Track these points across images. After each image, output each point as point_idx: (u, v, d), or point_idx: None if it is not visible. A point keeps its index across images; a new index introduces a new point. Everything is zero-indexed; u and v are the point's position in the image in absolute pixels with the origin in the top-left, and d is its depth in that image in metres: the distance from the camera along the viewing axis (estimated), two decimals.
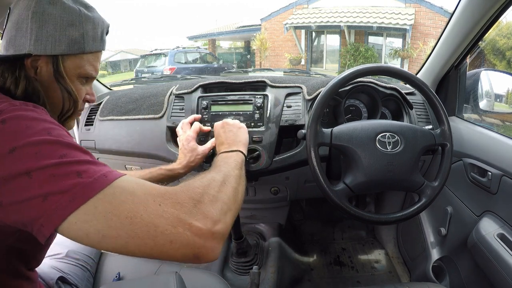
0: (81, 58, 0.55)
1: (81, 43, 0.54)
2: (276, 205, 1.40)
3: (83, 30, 0.54)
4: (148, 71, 8.01)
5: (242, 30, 12.08)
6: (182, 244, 0.38)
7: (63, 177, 0.37)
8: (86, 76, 0.58)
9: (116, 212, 0.36)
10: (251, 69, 5.87)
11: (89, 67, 0.57)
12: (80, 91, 0.59)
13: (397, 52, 8.98)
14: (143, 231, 0.36)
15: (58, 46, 0.52)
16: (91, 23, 0.55)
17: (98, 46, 0.58)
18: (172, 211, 0.38)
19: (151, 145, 1.13)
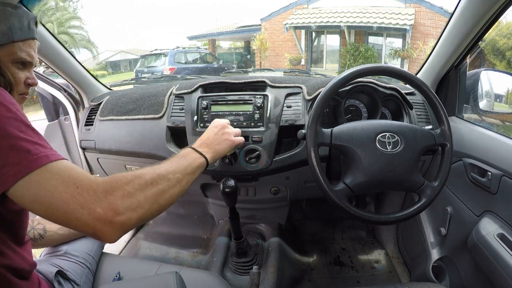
0: (12, 46, 0.63)
1: (9, 34, 0.63)
2: (276, 205, 1.41)
3: (9, 23, 0.63)
4: (148, 71, 8.01)
5: (242, 30, 12.07)
6: (84, 223, 0.48)
7: (17, 151, 0.47)
8: (20, 61, 0.65)
9: (44, 185, 0.47)
10: (251, 69, 5.87)
11: (21, 53, 0.65)
12: (18, 75, 0.66)
13: (397, 52, 8.98)
14: (59, 205, 0.47)
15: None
16: (16, 17, 0.64)
17: (26, 34, 0.66)
18: (84, 195, 0.48)
19: (151, 145, 1.13)
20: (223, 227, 1.47)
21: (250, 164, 1.04)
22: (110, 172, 1.35)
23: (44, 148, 0.50)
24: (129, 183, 0.52)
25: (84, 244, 0.90)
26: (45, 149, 0.50)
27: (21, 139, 0.48)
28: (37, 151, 0.49)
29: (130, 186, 0.52)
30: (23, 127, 0.50)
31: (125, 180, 0.52)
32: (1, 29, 0.62)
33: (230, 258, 1.26)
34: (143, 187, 0.54)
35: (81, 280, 0.81)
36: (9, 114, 0.49)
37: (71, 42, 11.95)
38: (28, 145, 0.48)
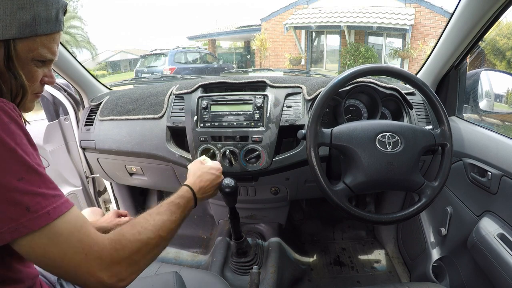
0: (34, 40, 0.54)
1: (32, 26, 0.52)
2: (276, 205, 1.40)
3: (35, 12, 0.52)
4: (148, 71, 8.00)
5: (242, 30, 12.07)
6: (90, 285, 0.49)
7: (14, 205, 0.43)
8: (41, 59, 0.57)
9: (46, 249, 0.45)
10: (251, 69, 5.87)
11: (43, 50, 0.56)
12: (35, 73, 0.58)
13: (397, 52, 8.98)
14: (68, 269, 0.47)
15: (8, 31, 0.51)
16: (43, 4, 0.54)
17: (52, 28, 0.56)
18: (92, 263, 0.48)
19: (151, 145, 1.13)
20: (223, 227, 1.47)
21: (250, 164, 1.04)
22: (110, 172, 1.35)
23: (46, 200, 0.45)
24: (137, 253, 0.53)
25: None
26: (47, 201, 0.45)
27: (19, 191, 0.43)
28: (38, 206, 0.44)
29: (137, 256, 0.53)
30: (23, 172, 0.44)
31: (133, 249, 0.52)
32: (23, 18, 0.52)
33: (230, 258, 1.26)
34: (147, 254, 0.55)
35: None
36: (7, 154, 0.44)
37: (72, 42, 11.95)
38: (27, 200, 0.44)
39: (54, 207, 0.46)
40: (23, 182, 0.44)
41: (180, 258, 1.54)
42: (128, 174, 1.30)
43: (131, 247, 0.52)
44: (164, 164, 1.16)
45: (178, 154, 1.09)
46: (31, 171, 0.45)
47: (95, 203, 1.55)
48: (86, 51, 12.88)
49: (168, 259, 1.54)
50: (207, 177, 0.80)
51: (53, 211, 0.46)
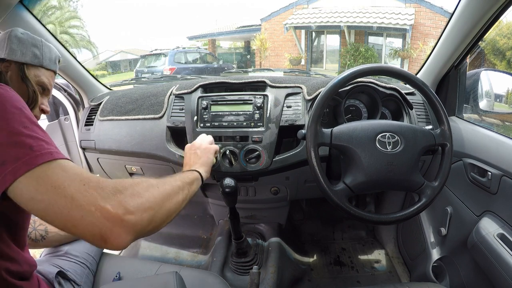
0: (39, 70, 0.76)
1: (40, 59, 0.76)
2: (276, 205, 1.40)
3: (43, 51, 0.77)
4: (148, 71, 7.99)
5: (242, 30, 12.07)
6: (90, 222, 0.42)
7: (20, 146, 0.45)
8: (42, 86, 0.76)
9: (46, 180, 0.43)
10: (251, 69, 5.87)
11: (45, 79, 0.77)
12: (38, 97, 0.74)
13: (397, 52, 8.98)
14: (62, 201, 0.42)
15: (24, 57, 0.73)
16: (47, 48, 0.79)
17: (52, 66, 0.79)
18: (91, 192, 0.43)
19: (151, 145, 1.13)
20: (223, 227, 1.47)
21: (250, 164, 1.04)
22: (110, 172, 1.35)
23: (48, 145, 0.47)
24: (137, 184, 0.51)
25: (85, 245, 0.90)
26: (49, 146, 0.47)
27: (24, 135, 0.45)
28: (41, 147, 0.45)
29: (139, 187, 0.50)
30: (27, 123, 0.47)
31: (133, 182, 0.51)
32: (34, 52, 0.75)
33: (230, 258, 1.26)
34: (150, 188, 0.53)
35: (81, 280, 0.81)
36: (13, 109, 0.47)
37: (71, 42, 11.95)
38: (31, 141, 0.45)
39: (57, 151, 0.47)
40: (28, 130, 0.47)
41: (180, 258, 1.54)
42: (128, 174, 1.30)
43: (131, 180, 0.51)
44: (164, 164, 1.16)
45: (178, 154, 1.09)
46: (35, 125, 0.49)
47: None
48: (86, 51, 12.88)
49: (168, 259, 1.54)
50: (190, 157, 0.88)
51: (56, 153, 0.47)
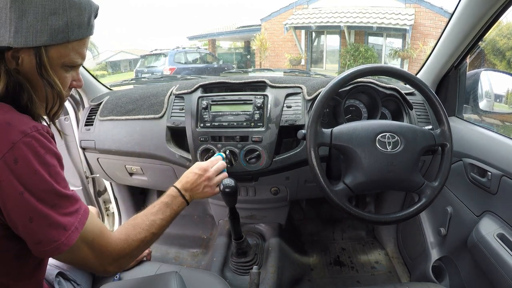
0: (65, 46, 0.53)
1: (65, 32, 0.51)
2: (276, 205, 1.40)
3: (67, 18, 0.51)
4: (148, 71, 7.99)
5: (242, 30, 12.06)
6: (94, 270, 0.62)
7: (55, 228, 0.50)
8: (71, 65, 0.57)
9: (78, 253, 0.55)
10: (251, 69, 5.87)
11: (74, 56, 0.55)
12: (65, 79, 0.57)
13: (397, 53, 8.98)
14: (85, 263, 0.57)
15: (39, 37, 0.49)
16: (76, 9, 0.52)
17: (84, 33, 0.55)
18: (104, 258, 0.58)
19: (151, 145, 1.13)
20: (223, 227, 1.47)
21: (250, 164, 1.04)
22: (110, 172, 1.35)
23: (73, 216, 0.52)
24: (136, 249, 0.63)
25: None
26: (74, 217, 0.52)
27: (56, 216, 0.50)
28: (71, 225, 0.51)
29: (136, 251, 0.64)
30: (56, 199, 0.50)
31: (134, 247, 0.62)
32: (55, 24, 0.50)
33: (230, 258, 1.26)
34: (143, 248, 0.66)
35: (81, 280, 0.81)
36: (44, 187, 0.49)
37: None
38: (63, 221, 0.50)
39: (79, 221, 0.53)
40: (57, 208, 0.50)
41: (180, 258, 1.54)
42: (128, 174, 1.30)
43: (133, 245, 0.62)
44: (164, 164, 1.16)
45: (178, 154, 1.09)
46: (63, 197, 0.51)
47: (95, 203, 1.55)
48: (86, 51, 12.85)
49: (168, 259, 1.54)
50: (189, 176, 0.82)
51: (79, 224, 0.53)
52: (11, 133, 0.47)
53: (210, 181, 0.84)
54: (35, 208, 0.48)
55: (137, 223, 0.66)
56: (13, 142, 0.46)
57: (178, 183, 0.81)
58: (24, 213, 0.48)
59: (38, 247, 0.50)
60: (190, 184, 0.81)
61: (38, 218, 0.48)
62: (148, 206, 0.73)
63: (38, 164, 0.48)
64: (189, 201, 0.80)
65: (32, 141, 0.48)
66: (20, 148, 0.47)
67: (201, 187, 0.83)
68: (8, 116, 0.49)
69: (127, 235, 0.62)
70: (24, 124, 0.49)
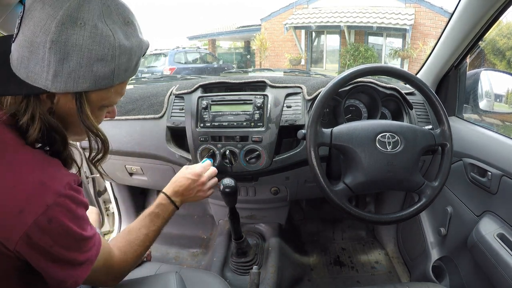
0: (108, 90, 0.49)
1: (110, 78, 0.47)
2: (276, 205, 1.40)
3: (115, 65, 0.46)
4: (148, 71, 7.98)
5: (242, 30, 12.06)
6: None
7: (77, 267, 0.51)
8: (110, 105, 0.55)
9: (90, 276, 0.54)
10: (251, 69, 5.87)
11: (115, 97, 0.53)
12: (101, 117, 0.57)
13: (397, 52, 8.98)
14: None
15: (81, 84, 0.45)
16: (126, 55, 0.47)
17: (129, 75, 0.51)
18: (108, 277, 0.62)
19: (151, 145, 1.13)
20: (223, 227, 1.47)
21: (250, 164, 1.04)
22: (110, 172, 1.35)
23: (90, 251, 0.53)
24: (133, 264, 0.69)
25: None
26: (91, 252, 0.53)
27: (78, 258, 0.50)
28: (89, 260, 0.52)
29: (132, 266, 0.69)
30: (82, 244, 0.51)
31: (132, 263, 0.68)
32: (101, 71, 0.45)
33: (230, 258, 1.26)
34: (139, 260, 0.72)
35: None
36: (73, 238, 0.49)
37: None
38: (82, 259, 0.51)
39: (94, 253, 0.54)
40: (80, 250, 0.51)
41: (180, 258, 1.54)
42: (128, 174, 1.30)
43: (132, 262, 0.67)
44: (164, 164, 1.16)
45: (178, 154, 1.09)
46: (86, 240, 0.52)
47: (95, 203, 1.55)
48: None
49: (168, 259, 1.54)
50: (181, 181, 0.82)
51: (94, 256, 0.54)
52: (45, 195, 0.45)
53: (203, 186, 0.85)
54: (62, 255, 0.48)
55: (132, 238, 0.69)
56: (48, 205, 0.45)
57: (168, 189, 0.81)
58: (50, 260, 0.47)
59: (60, 286, 0.50)
60: (183, 189, 0.81)
61: (62, 262, 0.49)
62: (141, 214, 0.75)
63: (70, 221, 0.48)
64: (179, 206, 0.81)
65: (66, 200, 0.47)
66: (54, 210, 0.45)
67: (194, 191, 0.83)
68: (40, 172, 0.46)
69: (126, 254, 0.66)
70: (59, 181, 0.47)
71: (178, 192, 0.81)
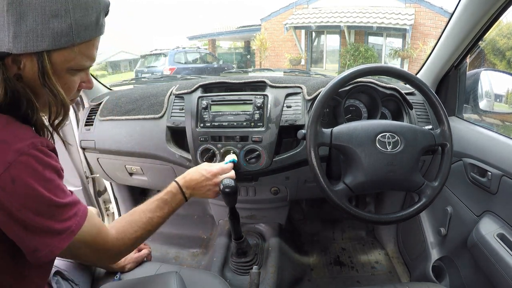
0: (71, 50, 0.49)
1: (69, 35, 0.46)
2: (276, 205, 1.40)
3: (71, 20, 0.46)
4: (148, 71, 7.99)
5: (242, 30, 12.07)
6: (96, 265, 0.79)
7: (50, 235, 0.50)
8: (79, 69, 0.53)
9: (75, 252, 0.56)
10: (251, 69, 5.87)
11: (81, 59, 0.51)
12: (72, 83, 0.54)
13: (397, 52, 8.98)
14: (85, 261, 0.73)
15: (41, 42, 0.45)
16: (81, 9, 0.47)
17: (92, 34, 0.50)
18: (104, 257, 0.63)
19: (151, 145, 1.13)
20: (223, 227, 1.47)
21: (250, 164, 1.04)
22: (110, 172, 1.35)
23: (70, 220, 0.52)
24: (132, 246, 0.67)
25: None
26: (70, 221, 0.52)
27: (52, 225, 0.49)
28: (66, 229, 0.51)
29: (132, 247, 0.68)
30: (54, 210, 0.50)
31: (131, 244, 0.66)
32: (57, 27, 0.45)
33: (230, 258, 1.26)
34: (138, 244, 0.69)
35: (79, 280, 0.80)
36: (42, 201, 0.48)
37: None
38: (58, 227, 0.50)
39: (76, 224, 0.53)
40: (55, 217, 0.50)
41: (180, 258, 1.54)
42: (128, 174, 1.30)
43: (130, 243, 0.65)
44: (164, 164, 1.16)
45: (178, 154, 1.09)
46: (61, 207, 0.51)
47: (95, 203, 1.55)
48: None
49: (168, 259, 1.54)
50: (195, 176, 0.82)
51: (76, 227, 0.53)
52: (7, 153, 0.45)
53: (215, 186, 0.85)
54: (32, 221, 0.48)
55: (134, 219, 0.68)
56: (10, 162, 0.45)
57: (181, 179, 0.81)
58: (21, 225, 0.47)
59: (34, 255, 0.49)
60: (195, 183, 0.81)
61: (35, 229, 0.48)
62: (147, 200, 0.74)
63: (35, 181, 0.47)
64: (188, 199, 0.80)
65: (29, 158, 0.46)
66: (16, 168, 0.45)
67: (205, 189, 0.84)
68: (5, 132, 0.47)
69: (124, 233, 0.64)
70: (21, 140, 0.47)
71: (190, 185, 0.81)
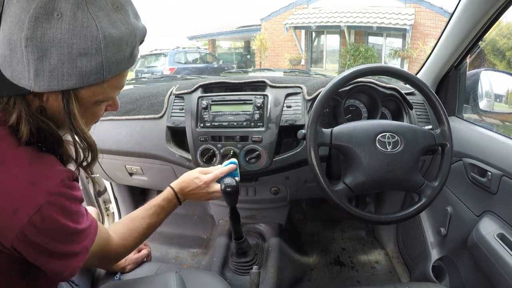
0: (100, 85, 0.45)
1: (99, 73, 0.42)
2: (276, 205, 1.40)
3: (103, 58, 0.41)
4: (148, 71, 7.99)
5: (242, 30, 12.07)
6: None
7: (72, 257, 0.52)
8: (107, 100, 0.50)
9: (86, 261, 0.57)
10: (251, 69, 5.86)
11: (111, 92, 0.48)
12: (99, 111, 0.52)
13: (397, 52, 8.99)
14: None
15: (66, 81, 0.41)
16: (115, 46, 0.42)
17: (124, 67, 0.46)
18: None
19: (151, 145, 1.13)
20: (223, 227, 1.47)
21: (250, 164, 1.04)
22: (110, 172, 1.35)
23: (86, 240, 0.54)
24: (131, 249, 0.73)
25: None
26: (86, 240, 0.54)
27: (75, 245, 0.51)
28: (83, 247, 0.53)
29: (132, 251, 0.74)
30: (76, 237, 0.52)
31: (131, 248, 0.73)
32: (86, 66, 0.41)
33: (230, 258, 1.26)
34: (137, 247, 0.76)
35: (79, 280, 0.80)
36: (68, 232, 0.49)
37: None
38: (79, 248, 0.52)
39: (90, 241, 0.55)
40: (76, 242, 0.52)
41: (180, 258, 1.54)
42: (128, 174, 1.30)
43: (130, 248, 0.72)
44: (164, 164, 1.16)
45: (178, 154, 1.09)
46: (81, 232, 0.52)
47: (95, 203, 1.55)
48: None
49: (168, 259, 1.53)
50: (190, 184, 0.85)
51: (89, 243, 0.55)
52: (36, 195, 0.44)
53: (209, 194, 0.88)
54: (58, 249, 0.49)
55: (135, 226, 0.73)
56: (40, 204, 0.44)
57: (176, 185, 0.85)
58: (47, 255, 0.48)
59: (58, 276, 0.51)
60: (189, 190, 0.85)
61: (59, 255, 0.50)
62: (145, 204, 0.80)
63: (64, 217, 0.48)
64: (182, 202, 0.85)
65: (58, 198, 0.46)
66: (46, 208, 0.45)
67: (197, 196, 0.87)
68: (31, 170, 0.45)
69: (126, 240, 0.70)
70: (49, 178, 0.46)
71: (184, 192, 0.85)
